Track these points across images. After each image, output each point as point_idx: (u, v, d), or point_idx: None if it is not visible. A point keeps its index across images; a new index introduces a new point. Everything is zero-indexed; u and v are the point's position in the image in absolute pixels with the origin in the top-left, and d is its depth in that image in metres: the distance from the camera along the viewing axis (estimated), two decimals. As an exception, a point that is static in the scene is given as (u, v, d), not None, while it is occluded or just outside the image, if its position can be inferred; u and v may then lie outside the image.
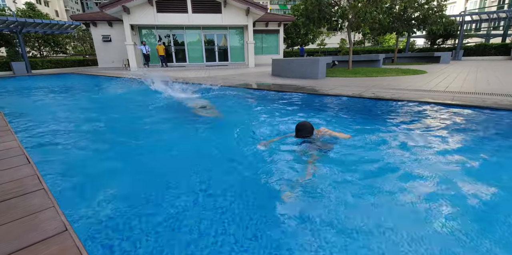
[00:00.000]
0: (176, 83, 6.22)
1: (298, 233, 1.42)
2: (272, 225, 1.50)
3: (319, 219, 1.52)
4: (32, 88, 9.29)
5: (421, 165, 2.16)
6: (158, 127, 3.80)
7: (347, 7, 9.38)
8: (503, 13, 19.01)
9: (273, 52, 19.48)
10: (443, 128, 3.06)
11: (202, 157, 2.59)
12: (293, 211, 1.60)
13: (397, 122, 3.41)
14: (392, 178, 1.97)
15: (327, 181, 1.93)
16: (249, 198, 1.80)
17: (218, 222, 1.53)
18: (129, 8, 13.47)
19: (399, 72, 8.96)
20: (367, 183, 1.89)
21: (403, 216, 1.56)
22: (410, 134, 2.91)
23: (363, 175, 2.01)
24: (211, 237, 1.40)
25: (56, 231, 1.09)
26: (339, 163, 2.19)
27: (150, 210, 1.68)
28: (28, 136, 3.24)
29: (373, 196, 1.74)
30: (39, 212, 1.22)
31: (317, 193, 1.80)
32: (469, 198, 1.68)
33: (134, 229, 1.48)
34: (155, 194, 1.88)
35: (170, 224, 1.52)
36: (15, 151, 2.02)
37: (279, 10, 45.63)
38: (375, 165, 2.17)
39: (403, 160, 2.24)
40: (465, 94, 4.72)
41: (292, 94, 5.50)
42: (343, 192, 1.79)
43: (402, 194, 1.75)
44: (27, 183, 1.50)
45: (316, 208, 1.63)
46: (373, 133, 2.95)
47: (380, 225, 1.45)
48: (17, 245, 1.02)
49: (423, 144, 2.58)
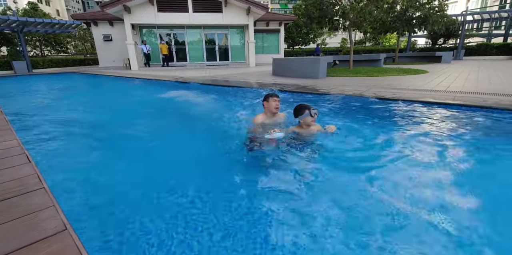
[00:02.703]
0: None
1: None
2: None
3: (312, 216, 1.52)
4: (33, 87, 9.31)
5: (421, 164, 2.15)
6: (153, 124, 3.80)
7: (348, 6, 9.36)
8: (504, 13, 18.93)
9: (274, 52, 19.47)
10: (443, 128, 3.06)
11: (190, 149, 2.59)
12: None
13: (397, 121, 3.40)
14: (392, 179, 1.97)
15: (324, 181, 1.93)
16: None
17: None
18: (130, 7, 13.48)
19: (400, 72, 8.94)
20: (364, 182, 1.89)
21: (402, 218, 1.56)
22: (410, 133, 2.91)
23: (363, 175, 2.00)
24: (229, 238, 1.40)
25: (56, 230, 1.09)
26: (337, 163, 2.18)
27: (150, 210, 1.68)
28: (28, 135, 3.25)
29: (373, 197, 1.73)
30: (39, 211, 1.22)
31: (305, 195, 1.79)
32: (469, 199, 1.68)
33: (134, 229, 1.48)
34: (155, 194, 1.88)
35: (169, 224, 1.52)
36: (15, 150, 2.03)
37: (280, 10, 45.59)
38: (374, 165, 2.17)
39: (403, 160, 2.24)
40: (467, 94, 4.70)
41: (293, 94, 5.49)
42: (339, 192, 1.79)
43: (401, 195, 1.75)
44: (27, 182, 1.51)
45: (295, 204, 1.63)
46: (373, 132, 2.95)
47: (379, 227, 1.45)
48: (17, 243, 1.02)
49: (423, 144, 2.58)
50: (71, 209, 1.61)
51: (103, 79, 11.25)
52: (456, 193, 1.76)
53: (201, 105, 5.25)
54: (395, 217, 1.52)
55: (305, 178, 1.97)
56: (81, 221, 1.52)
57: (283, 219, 1.53)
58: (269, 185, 1.88)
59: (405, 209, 1.58)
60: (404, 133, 2.94)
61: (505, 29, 20.82)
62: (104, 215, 1.62)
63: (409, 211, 1.56)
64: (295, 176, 1.99)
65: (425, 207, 1.59)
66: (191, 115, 4.57)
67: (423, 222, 1.47)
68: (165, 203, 1.75)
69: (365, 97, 4.71)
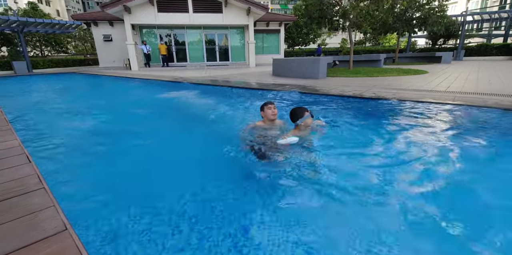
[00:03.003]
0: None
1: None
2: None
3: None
4: (33, 87, 9.32)
5: (420, 165, 2.15)
6: (153, 124, 3.80)
7: (348, 7, 9.37)
8: (504, 13, 18.95)
9: (274, 52, 19.48)
10: (444, 128, 3.06)
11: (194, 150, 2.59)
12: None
13: (397, 122, 3.40)
14: (391, 179, 1.97)
15: (321, 181, 1.93)
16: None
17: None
18: (130, 7, 13.49)
19: (400, 72, 8.94)
20: (364, 182, 1.89)
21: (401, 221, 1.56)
22: (410, 134, 2.91)
23: (362, 175, 2.00)
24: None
25: (56, 230, 1.09)
26: (335, 162, 2.18)
27: (150, 210, 1.68)
28: (28, 135, 3.25)
29: (372, 197, 1.73)
30: (39, 211, 1.22)
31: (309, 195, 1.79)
32: (468, 198, 1.68)
33: (134, 229, 1.48)
34: (156, 194, 1.88)
35: (170, 224, 1.52)
36: (15, 150, 2.03)
37: (280, 10, 45.62)
38: (373, 165, 2.17)
39: (403, 160, 2.24)
40: (467, 94, 4.71)
41: (292, 93, 5.49)
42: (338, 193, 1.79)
43: (400, 195, 1.75)
44: (27, 182, 1.51)
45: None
46: (372, 132, 2.95)
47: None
48: (18, 243, 1.02)
49: (422, 144, 2.58)
50: (71, 209, 1.60)
51: (103, 79, 11.25)
52: (456, 193, 1.76)
53: (200, 106, 5.25)
54: (410, 224, 1.52)
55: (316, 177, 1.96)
56: (81, 221, 1.52)
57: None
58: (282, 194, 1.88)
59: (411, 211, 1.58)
60: (404, 134, 2.93)
61: (505, 30, 20.84)
62: (104, 215, 1.61)
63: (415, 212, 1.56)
64: (311, 184, 1.94)
65: (424, 204, 1.59)
66: (190, 116, 4.57)
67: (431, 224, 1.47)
68: (166, 203, 1.75)
69: (365, 98, 4.72)
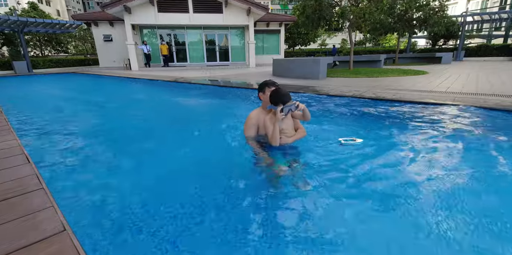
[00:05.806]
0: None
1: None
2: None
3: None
4: (33, 87, 9.32)
5: (420, 165, 2.15)
6: (153, 124, 3.80)
7: (347, 7, 9.37)
8: (505, 14, 18.97)
9: (274, 52, 19.49)
10: (444, 128, 3.05)
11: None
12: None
13: (397, 122, 3.40)
14: (391, 179, 1.96)
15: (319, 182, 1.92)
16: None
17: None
18: (130, 7, 13.50)
19: (400, 73, 8.94)
20: (363, 183, 1.88)
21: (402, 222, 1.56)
22: (410, 134, 2.90)
23: (361, 175, 2.00)
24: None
25: (55, 230, 1.09)
26: (333, 162, 2.18)
27: (150, 210, 1.68)
28: (28, 135, 3.25)
29: (371, 198, 1.73)
30: (39, 212, 1.22)
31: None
32: (468, 199, 1.67)
33: (134, 230, 1.47)
34: (156, 194, 1.87)
35: (169, 224, 1.52)
36: (15, 150, 2.03)
37: (280, 10, 45.66)
38: (373, 164, 2.16)
39: (402, 161, 2.23)
40: (467, 95, 4.70)
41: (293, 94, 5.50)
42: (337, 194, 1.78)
43: (399, 197, 1.74)
44: (26, 182, 1.50)
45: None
46: (372, 133, 2.94)
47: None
48: (17, 244, 1.02)
49: (423, 144, 2.57)
50: (70, 210, 1.60)
51: (103, 79, 11.25)
52: (455, 193, 1.75)
53: (200, 106, 5.25)
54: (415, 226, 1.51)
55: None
56: (80, 222, 1.51)
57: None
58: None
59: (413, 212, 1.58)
60: (404, 134, 2.93)
61: (505, 30, 20.87)
62: (103, 216, 1.61)
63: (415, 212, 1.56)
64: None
65: (426, 206, 1.59)
66: (189, 116, 4.57)
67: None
68: (166, 203, 1.74)
69: (365, 98, 4.72)
